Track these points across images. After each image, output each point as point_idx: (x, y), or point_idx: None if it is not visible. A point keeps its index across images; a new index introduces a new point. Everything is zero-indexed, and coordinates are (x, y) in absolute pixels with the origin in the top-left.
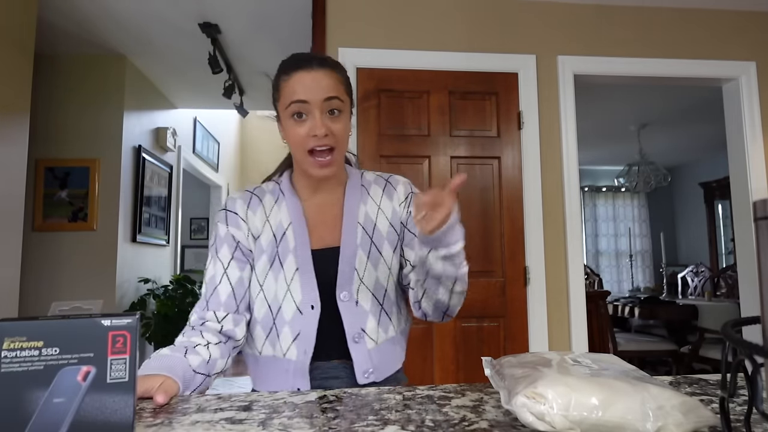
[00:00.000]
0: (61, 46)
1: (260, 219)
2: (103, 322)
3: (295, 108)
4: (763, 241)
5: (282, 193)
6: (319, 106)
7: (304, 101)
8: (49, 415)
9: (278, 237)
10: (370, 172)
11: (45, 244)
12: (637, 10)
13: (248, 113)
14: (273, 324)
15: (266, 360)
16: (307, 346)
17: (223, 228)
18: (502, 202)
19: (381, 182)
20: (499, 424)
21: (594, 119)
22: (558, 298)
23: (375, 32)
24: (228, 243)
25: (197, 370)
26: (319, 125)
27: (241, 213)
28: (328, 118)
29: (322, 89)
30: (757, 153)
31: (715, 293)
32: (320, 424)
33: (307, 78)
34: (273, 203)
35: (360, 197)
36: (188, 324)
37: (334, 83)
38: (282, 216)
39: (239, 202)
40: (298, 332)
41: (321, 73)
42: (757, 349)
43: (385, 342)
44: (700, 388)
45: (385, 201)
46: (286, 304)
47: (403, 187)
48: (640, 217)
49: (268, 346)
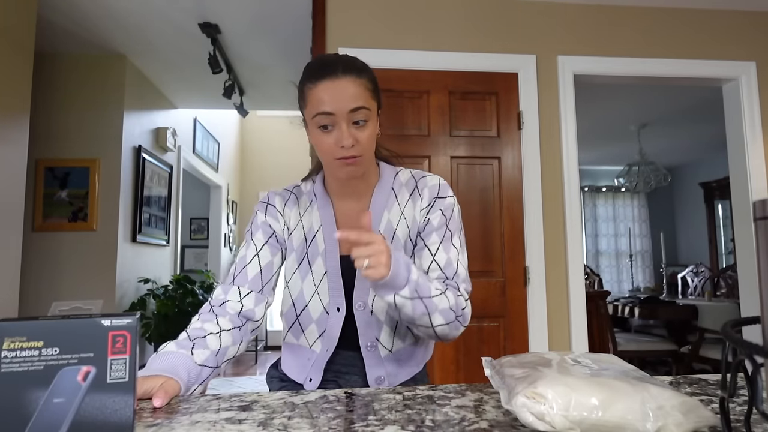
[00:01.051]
0: (61, 45)
1: (295, 217)
2: (103, 322)
3: (321, 119)
4: (763, 241)
5: (315, 196)
6: (345, 117)
7: (331, 113)
8: (49, 415)
9: (309, 239)
10: (406, 171)
11: (45, 244)
12: (637, 10)
13: (248, 113)
14: (296, 319)
15: (290, 346)
16: (330, 344)
17: (262, 216)
18: (502, 202)
19: (411, 185)
20: (499, 424)
21: (594, 119)
22: (558, 298)
23: (375, 32)
24: (264, 230)
25: (204, 364)
26: (346, 136)
27: (279, 207)
28: (354, 128)
29: (347, 100)
30: (757, 153)
31: (715, 293)
32: (320, 424)
33: (332, 87)
34: (308, 204)
35: (386, 203)
36: (208, 302)
37: (360, 91)
38: (313, 219)
39: (278, 198)
40: (323, 330)
41: (346, 82)
42: (757, 349)
43: (402, 349)
44: (700, 388)
45: (409, 207)
46: (314, 304)
47: (429, 192)
48: (640, 217)
49: (291, 336)
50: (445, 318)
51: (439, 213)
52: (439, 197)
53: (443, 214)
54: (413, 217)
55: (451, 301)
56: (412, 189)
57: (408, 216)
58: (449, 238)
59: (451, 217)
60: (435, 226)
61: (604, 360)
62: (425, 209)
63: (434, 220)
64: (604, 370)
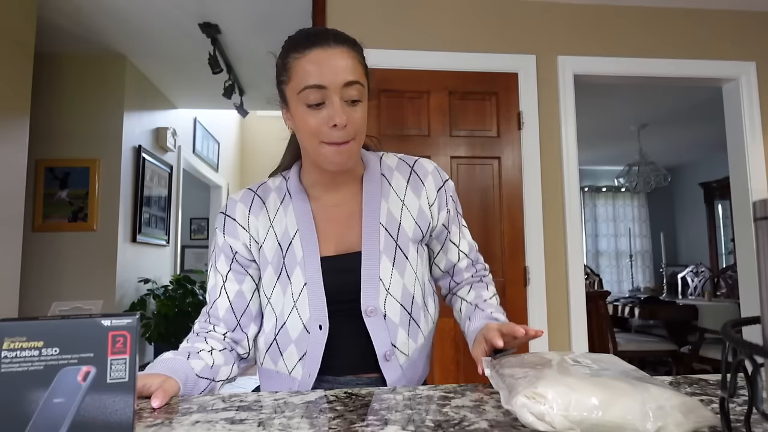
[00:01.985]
0: (61, 45)
1: (263, 224)
2: (103, 322)
3: (310, 94)
4: (763, 241)
5: (289, 193)
6: (339, 91)
7: (322, 86)
8: (49, 416)
9: (284, 247)
10: (391, 156)
11: (45, 244)
12: (637, 10)
13: (248, 113)
14: (274, 340)
15: (267, 373)
16: (312, 368)
17: (221, 237)
18: (502, 202)
19: (405, 170)
20: (499, 424)
21: (594, 119)
22: (558, 298)
23: (375, 32)
24: (225, 253)
25: (200, 375)
26: (340, 113)
27: (240, 219)
28: (348, 106)
29: (342, 71)
30: (757, 153)
31: (715, 293)
32: (320, 424)
33: (324, 58)
34: (278, 205)
35: (380, 191)
36: (192, 331)
37: (354, 64)
38: (288, 221)
39: (239, 206)
40: (304, 352)
41: (339, 52)
42: (757, 349)
43: (416, 351)
44: (700, 388)
45: (411, 196)
46: (292, 321)
47: (433, 180)
48: (640, 217)
49: (268, 360)
50: (498, 300)
51: (451, 200)
52: (444, 185)
53: (453, 200)
54: (418, 207)
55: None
56: (408, 175)
57: (411, 206)
58: (460, 220)
59: (457, 200)
60: (452, 216)
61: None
62: (435, 202)
63: (451, 209)
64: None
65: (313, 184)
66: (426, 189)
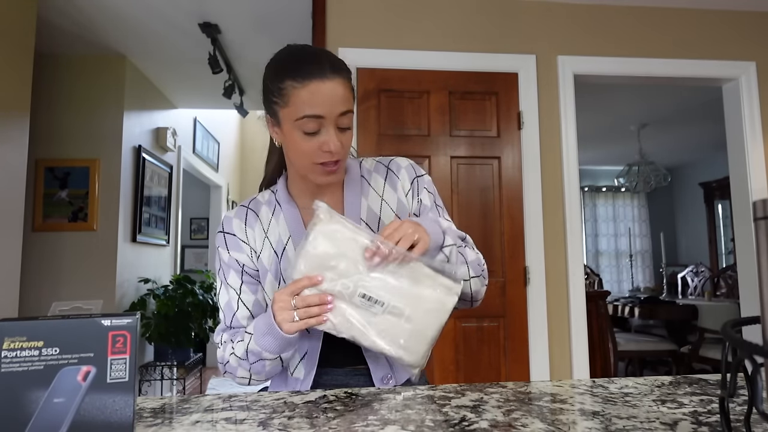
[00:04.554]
0: (61, 45)
1: (260, 236)
2: (103, 322)
3: (308, 122)
4: (762, 241)
5: (278, 203)
6: (334, 121)
7: (320, 116)
8: (49, 415)
9: (279, 253)
10: (369, 159)
11: (45, 244)
12: (637, 10)
13: (248, 113)
14: None
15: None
16: (311, 365)
17: (225, 253)
18: (502, 202)
19: (382, 170)
20: (499, 424)
21: (594, 119)
22: (558, 298)
23: (375, 32)
24: (234, 268)
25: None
26: (335, 141)
27: (239, 233)
28: (339, 132)
29: (339, 103)
30: (757, 153)
31: (715, 293)
32: (320, 424)
33: (323, 90)
34: (270, 216)
35: (360, 190)
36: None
37: (347, 94)
38: (281, 229)
39: (236, 222)
40: (305, 352)
41: (335, 83)
42: (757, 349)
43: None
44: (700, 388)
45: (389, 191)
46: None
47: (407, 173)
48: (640, 217)
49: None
50: (474, 270)
51: (426, 192)
52: (418, 176)
53: (429, 191)
54: (397, 200)
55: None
56: (385, 173)
57: (390, 200)
58: (442, 213)
59: (436, 193)
60: (428, 205)
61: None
62: (410, 191)
63: (425, 200)
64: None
65: (300, 193)
66: (401, 181)
